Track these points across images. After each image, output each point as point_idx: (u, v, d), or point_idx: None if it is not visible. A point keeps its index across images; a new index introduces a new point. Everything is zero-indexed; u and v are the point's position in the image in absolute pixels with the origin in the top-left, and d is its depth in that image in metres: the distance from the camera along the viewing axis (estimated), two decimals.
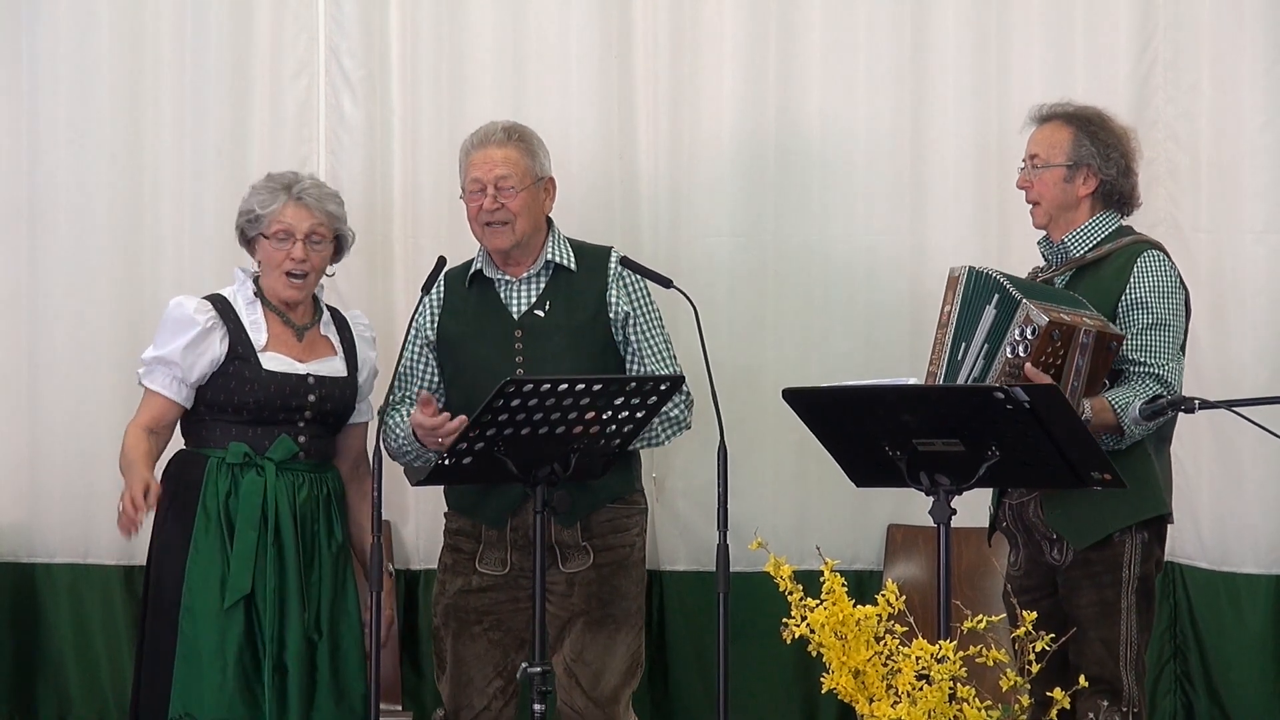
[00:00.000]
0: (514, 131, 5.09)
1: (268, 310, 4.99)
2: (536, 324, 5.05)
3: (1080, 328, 4.62)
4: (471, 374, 5.03)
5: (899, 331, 5.85)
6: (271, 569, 4.85)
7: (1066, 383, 4.60)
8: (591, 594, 5.06)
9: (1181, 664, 5.89)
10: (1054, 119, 4.98)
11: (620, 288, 5.09)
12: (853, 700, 3.71)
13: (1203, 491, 5.85)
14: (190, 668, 4.82)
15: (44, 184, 6.06)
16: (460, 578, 5.09)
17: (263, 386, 4.91)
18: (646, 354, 5.09)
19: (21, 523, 6.08)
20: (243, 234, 5.03)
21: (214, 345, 4.92)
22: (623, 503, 5.12)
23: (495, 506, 5.02)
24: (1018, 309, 4.62)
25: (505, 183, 5.01)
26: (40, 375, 6.06)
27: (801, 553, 5.25)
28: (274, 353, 4.95)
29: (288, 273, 4.96)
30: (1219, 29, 5.82)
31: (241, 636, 4.83)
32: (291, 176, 5.06)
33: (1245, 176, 5.81)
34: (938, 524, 4.22)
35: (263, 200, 4.99)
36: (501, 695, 5.09)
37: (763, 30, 5.95)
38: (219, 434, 4.94)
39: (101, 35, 6.03)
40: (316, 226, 4.98)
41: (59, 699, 6.06)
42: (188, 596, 4.83)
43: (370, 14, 6.03)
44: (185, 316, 4.94)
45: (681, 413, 5.04)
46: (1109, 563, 4.80)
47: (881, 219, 5.94)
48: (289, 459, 4.92)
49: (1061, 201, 4.93)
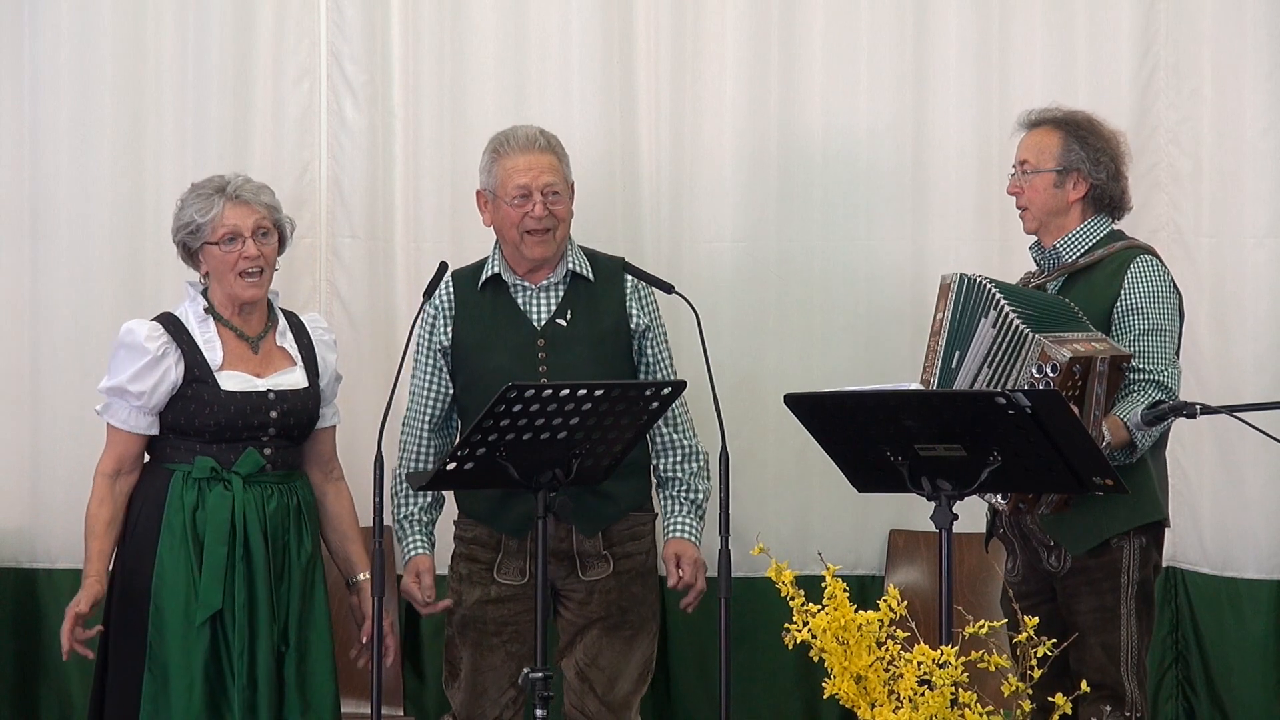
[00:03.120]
0: (551, 138, 5.07)
1: (220, 326, 4.90)
2: (559, 334, 5.04)
3: (1096, 357, 4.60)
4: (490, 382, 4.95)
5: (900, 337, 5.86)
6: (241, 584, 4.79)
7: (1089, 413, 4.59)
8: (611, 601, 5.06)
9: (1183, 669, 5.89)
10: (1043, 124, 4.98)
11: (638, 300, 5.10)
12: (854, 706, 3.71)
13: (1204, 496, 5.85)
14: (158, 684, 4.77)
15: (46, 189, 6.05)
16: (478, 588, 5.08)
17: (223, 408, 4.83)
18: (656, 368, 5.11)
19: (23, 528, 6.07)
20: (184, 248, 4.93)
21: (169, 371, 4.84)
22: (640, 511, 5.13)
23: (517, 515, 5.00)
24: (1028, 343, 4.59)
25: (553, 189, 4.99)
26: (42, 380, 6.05)
27: (803, 558, 5.27)
28: (231, 371, 4.86)
29: (243, 273, 4.86)
30: (1221, 33, 5.83)
31: (208, 652, 4.77)
32: (219, 180, 4.95)
33: (1247, 181, 5.82)
34: (939, 529, 4.22)
35: (200, 208, 4.88)
36: (513, 705, 5.10)
37: (765, 35, 5.95)
38: (183, 450, 4.87)
39: (103, 40, 6.03)
40: (260, 221, 4.89)
41: (60, 704, 6.05)
42: (155, 613, 4.78)
43: (372, 19, 6.03)
44: (136, 344, 4.84)
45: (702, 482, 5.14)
46: (1107, 569, 4.80)
47: (883, 224, 5.94)
48: (256, 472, 4.86)
49: (1051, 207, 4.93)
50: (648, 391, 4.59)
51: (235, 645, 4.78)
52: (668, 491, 5.13)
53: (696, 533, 5.09)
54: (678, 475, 5.11)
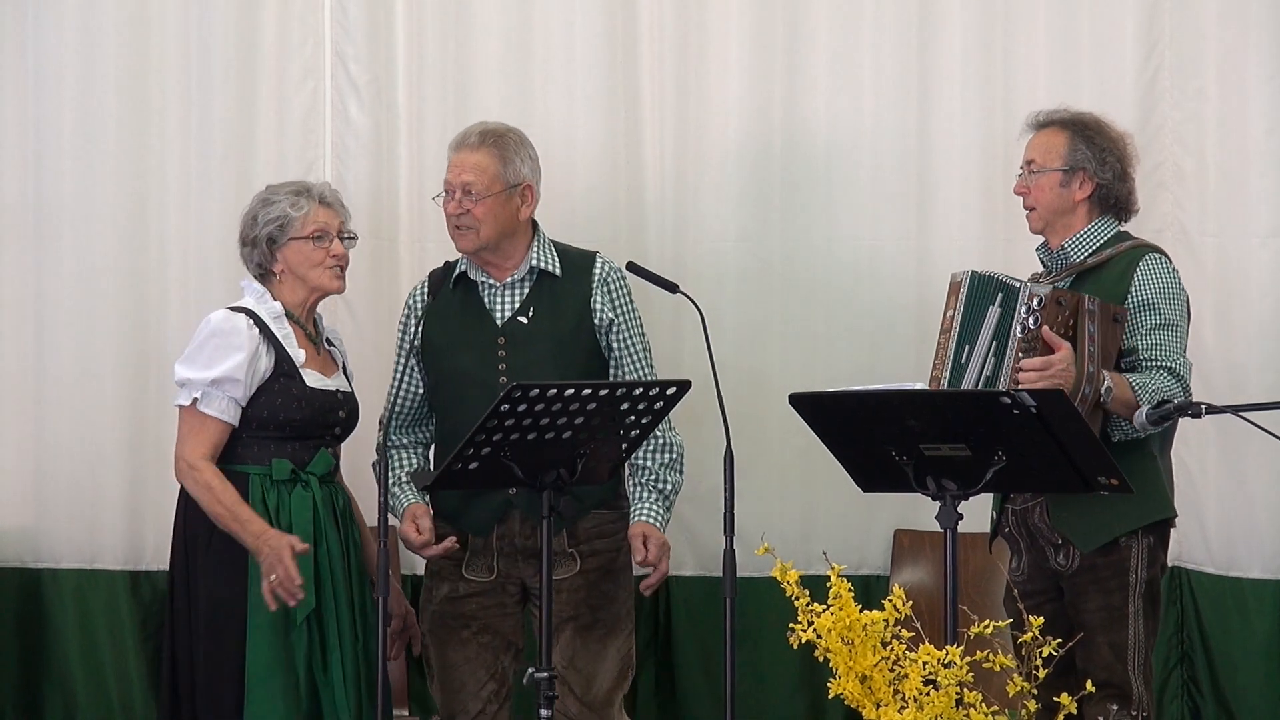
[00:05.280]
0: (490, 135, 5.07)
1: (294, 325, 4.97)
2: (519, 331, 5.05)
3: (1084, 296, 4.68)
4: (454, 381, 5.04)
5: (905, 336, 5.86)
6: (338, 580, 4.87)
7: (1083, 348, 4.62)
8: (580, 600, 5.06)
9: (1188, 669, 5.89)
10: (1050, 125, 4.99)
11: (604, 294, 5.09)
12: (859, 705, 3.71)
13: (1209, 496, 5.84)
14: (260, 689, 4.78)
15: (50, 190, 6.05)
16: (446, 584, 5.09)
17: (308, 403, 4.89)
18: (626, 362, 5.10)
19: (27, 528, 6.07)
20: (268, 242, 4.95)
21: (262, 361, 4.88)
22: (608, 509, 5.11)
23: (481, 515, 5.02)
24: (1020, 292, 4.65)
25: (469, 188, 5.02)
26: (46, 380, 6.05)
27: (808, 558, 5.28)
28: (310, 369, 4.94)
29: (330, 268, 4.97)
30: (1225, 34, 5.82)
31: (306, 651, 4.82)
32: (302, 183, 5.08)
33: (1251, 180, 5.82)
34: (944, 529, 4.22)
35: (293, 203, 4.95)
36: (495, 699, 5.09)
37: (769, 35, 5.95)
38: (257, 451, 4.89)
39: (107, 40, 6.03)
40: (344, 225, 5.02)
41: (65, 704, 6.06)
42: (254, 615, 4.80)
43: (376, 19, 6.03)
44: (236, 330, 4.86)
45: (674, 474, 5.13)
46: (1115, 567, 4.80)
47: (887, 224, 5.94)
48: (328, 473, 4.93)
49: (1057, 206, 4.94)
50: (652, 391, 4.59)
51: (330, 643, 4.83)
52: (637, 479, 5.13)
53: (661, 519, 5.07)
54: (648, 465, 5.10)
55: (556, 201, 5.45)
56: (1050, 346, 4.64)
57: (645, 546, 5.00)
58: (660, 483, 5.10)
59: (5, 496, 6.08)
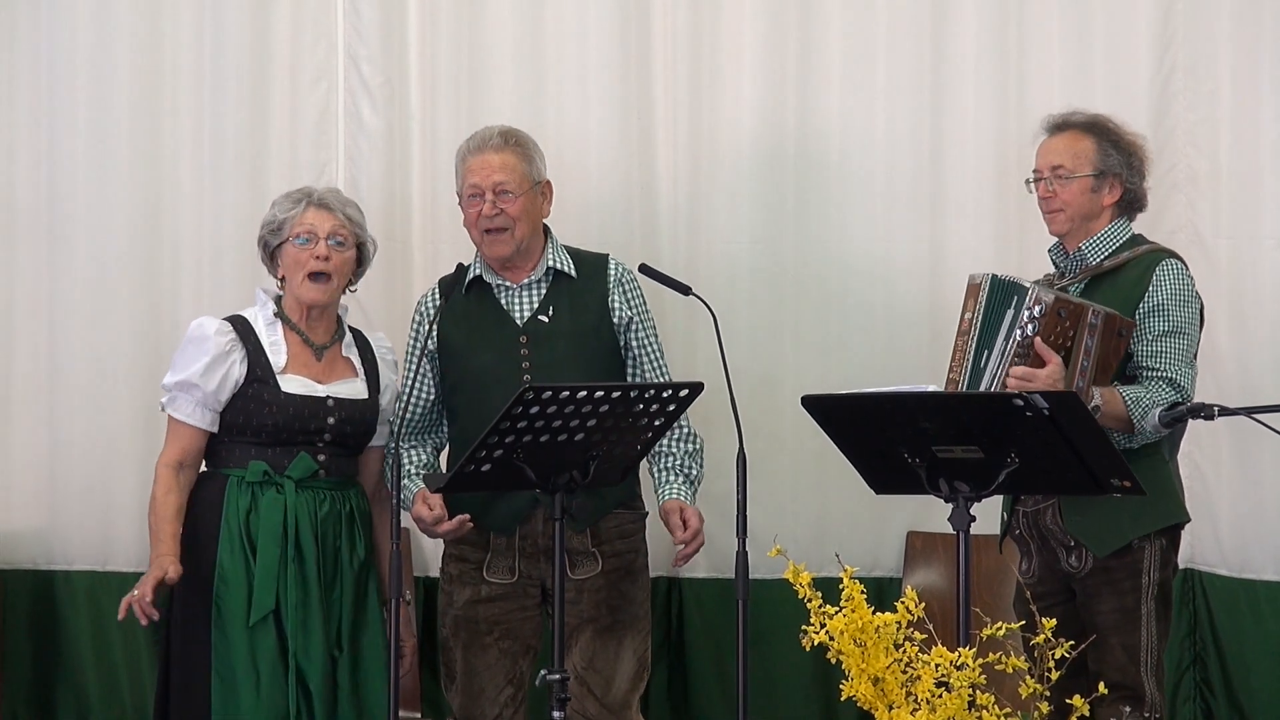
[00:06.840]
0: (510, 136, 5.09)
1: (288, 330, 4.99)
2: (541, 330, 5.06)
3: (1088, 308, 4.66)
4: (476, 381, 5.04)
5: (918, 338, 5.85)
6: (294, 585, 4.86)
7: (1076, 362, 4.62)
8: (600, 601, 5.06)
9: (1201, 671, 5.88)
10: (1070, 128, 4.99)
11: (621, 293, 5.11)
12: (872, 707, 3.71)
13: (1222, 498, 5.84)
14: (227, 687, 4.83)
15: (63, 192, 6.06)
16: (468, 588, 5.08)
17: (281, 409, 4.91)
18: (644, 361, 5.12)
19: (41, 529, 6.09)
20: (266, 246, 5.03)
21: (234, 367, 4.92)
22: (627, 509, 5.13)
23: (505, 514, 5.02)
24: (1025, 298, 4.65)
25: (503, 188, 5.02)
26: (60, 382, 6.06)
27: (821, 559, 5.25)
28: (293, 374, 4.94)
29: (311, 273, 4.95)
30: (1238, 35, 5.82)
31: (273, 651, 4.83)
32: (308, 188, 5.10)
33: (1266, 182, 5.81)
34: (957, 531, 4.22)
35: (284, 208, 5.01)
36: (512, 703, 5.09)
37: (782, 37, 5.95)
38: (238, 454, 4.94)
39: (120, 43, 6.04)
40: (338, 228, 4.99)
41: (78, 705, 6.07)
42: (218, 617, 4.84)
43: (389, 21, 6.03)
44: (205, 337, 4.93)
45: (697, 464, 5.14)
46: (1128, 569, 4.80)
47: (900, 226, 5.94)
48: (308, 477, 4.93)
49: (1087, 211, 4.94)
50: (665, 393, 4.59)
51: (290, 645, 4.83)
52: (661, 464, 5.12)
53: (690, 497, 5.08)
54: (673, 451, 5.11)
55: (569, 204, 5.46)
56: (1041, 359, 4.63)
57: (683, 520, 5.01)
58: (685, 468, 5.11)
59: (19, 499, 6.10)
